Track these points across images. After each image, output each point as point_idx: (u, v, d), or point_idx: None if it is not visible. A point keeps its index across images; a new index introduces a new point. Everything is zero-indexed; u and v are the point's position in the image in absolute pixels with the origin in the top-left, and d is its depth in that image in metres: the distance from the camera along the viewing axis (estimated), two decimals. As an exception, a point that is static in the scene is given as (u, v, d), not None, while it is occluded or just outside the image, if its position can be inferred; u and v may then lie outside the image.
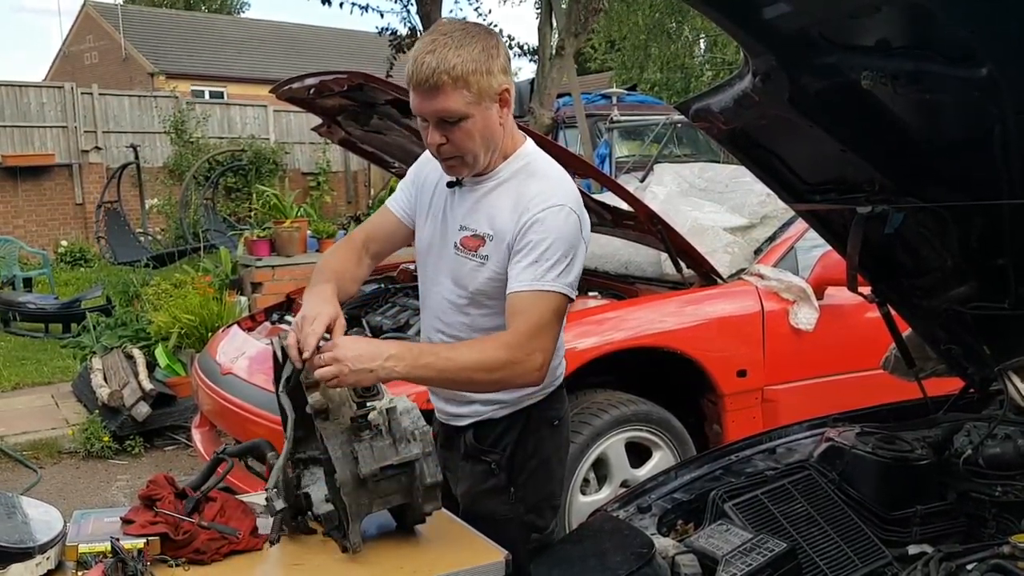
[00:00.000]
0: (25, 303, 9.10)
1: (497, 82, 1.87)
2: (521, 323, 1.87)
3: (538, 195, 1.92)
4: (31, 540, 1.74)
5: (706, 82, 18.02)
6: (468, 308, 2.03)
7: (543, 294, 1.88)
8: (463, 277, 2.01)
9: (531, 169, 1.99)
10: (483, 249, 1.96)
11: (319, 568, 1.87)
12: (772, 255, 3.65)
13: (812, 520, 1.94)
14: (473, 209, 2.00)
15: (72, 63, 25.77)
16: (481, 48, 1.84)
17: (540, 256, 1.88)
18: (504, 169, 1.99)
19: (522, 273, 1.89)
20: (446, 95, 1.82)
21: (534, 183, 1.96)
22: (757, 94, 1.80)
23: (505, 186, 1.98)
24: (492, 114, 1.89)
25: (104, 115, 14.91)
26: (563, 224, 1.91)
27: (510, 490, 2.08)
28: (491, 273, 1.96)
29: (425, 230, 2.12)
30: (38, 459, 5.12)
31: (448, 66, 1.80)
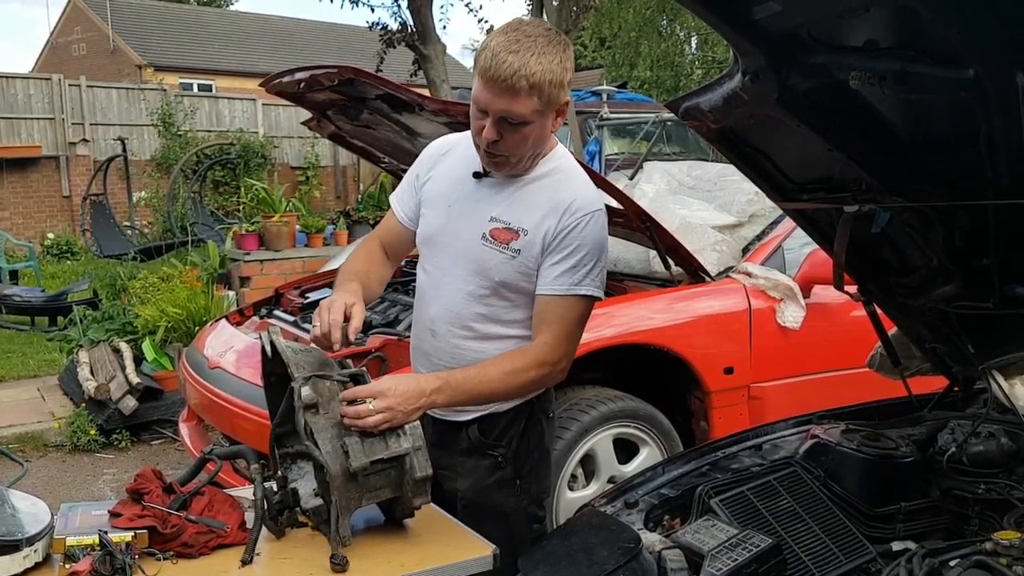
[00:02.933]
0: (11, 296, 9.05)
1: (564, 95, 1.91)
2: (551, 334, 1.95)
3: (578, 199, 1.98)
4: (19, 532, 1.74)
5: (696, 80, 18.10)
6: (489, 299, 2.04)
7: (576, 299, 1.96)
8: (489, 268, 2.01)
9: (566, 171, 2.04)
10: (515, 243, 1.98)
11: (307, 562, 1.87)
12: (760, 253, 3.67)
13: (797, 516, 1.95)
14: (507, 202, 2.01)
15: (59, 55, 25.60)
16: (559, 60, 1.87)
17: (579, 262, 1.95)
18: (539, 167, 2.02)
19: (559, 276, 1.95)
20: (519, 100, 1.84)
21: (571, 185, 2.01)
22: (746, 93, 1.81)
23: (540, 184, 2.01)
24: (549, 122, 1.94)
25: (92, 107, 14.84)
26: (600, 230, 2.00)
27: (516, 482, 2.12)
28: (521, 268, 1.99)
29: (438, 219, 2.10)
30: (24, 452, 5.10)
31: (529, 72, 1.82)
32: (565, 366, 1.99)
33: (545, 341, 1.96)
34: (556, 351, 1.96)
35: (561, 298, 1.96)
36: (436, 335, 2.13)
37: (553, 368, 1.97)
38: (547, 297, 1.97)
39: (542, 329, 1.97)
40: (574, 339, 2.01)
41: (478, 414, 2.12)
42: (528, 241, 1.97)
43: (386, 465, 1.92)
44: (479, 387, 1.94)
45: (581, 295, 1.97)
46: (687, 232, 3.59)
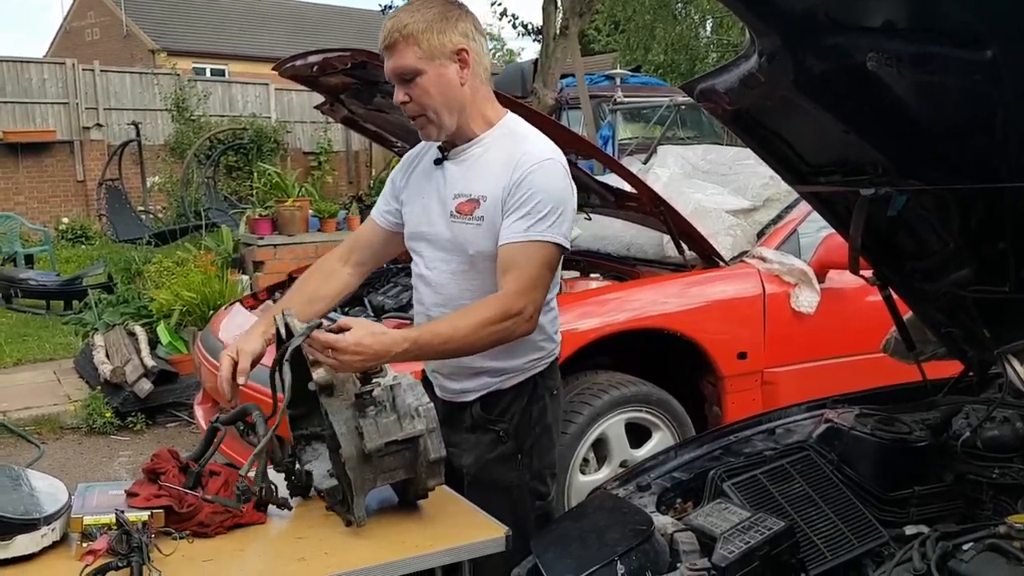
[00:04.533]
0: (26, 280, 9.11)
1: (451, 41, 1.97)
2: (511, 281, 1.96)
3: (527, 152, 2.01)
4: (37, 511, 1.76)
5: (711, 64, 17.91)
6: (470, 275, 2.09)
7: (534, 244, 1.96)
8: (463, 243, 2.07)
9: (517, 133, 2.08)
10: (478, 211, 2.04)
11: (323, 541, 1.89)
12: (774, 238, 3.65)
13: (810, 500, 1.95)
14: (466, 176, 2.08)
15: (73, 39, 25.66)
16: (437, 12, 1.97)
17: (532, 209, 1.97)
18: (489, 136, 2.07)
19: (513, 225, 1.98)
20: (400, 53, 1.97)
21: (522, 143, 2.05)
22: (762, 75, 1.79)
23: (494, 150, 2.06)
24: (449, 72, 1.99)
25: (105, 92, 14.87)
26: (553, 178, 2.00)
27: (517, 457, 2.15)
28: (488, 234, 2.03)
29: (415, 213, 2.19)
30: (40, 434, 5.15)
31: (400, 25, 1.96)
32: (532, 314, 1.97)
33: (509, 290, 1.96)
34: (521, 299, 1.95)
35: (520, 245, 1.96)
36: (432, 320, 2.15)
37: (520, 317, 1.95)
38: (506, 246, 1.98)
39: (505, 279, 1.98)
40: (538, 287, 1.98)
41: (481, 393, 2.16)
42: (489, 206, 2.02)
43: (400, 447, 1.93)
44: (448, 344, 1.96)
45: (541, 241, 1.96)
46: (701, 216, 3.57)
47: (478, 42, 2.04)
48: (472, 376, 2.16)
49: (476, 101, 2.05)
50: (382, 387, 1.98)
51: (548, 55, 7.22)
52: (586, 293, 3.42)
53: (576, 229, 4.35)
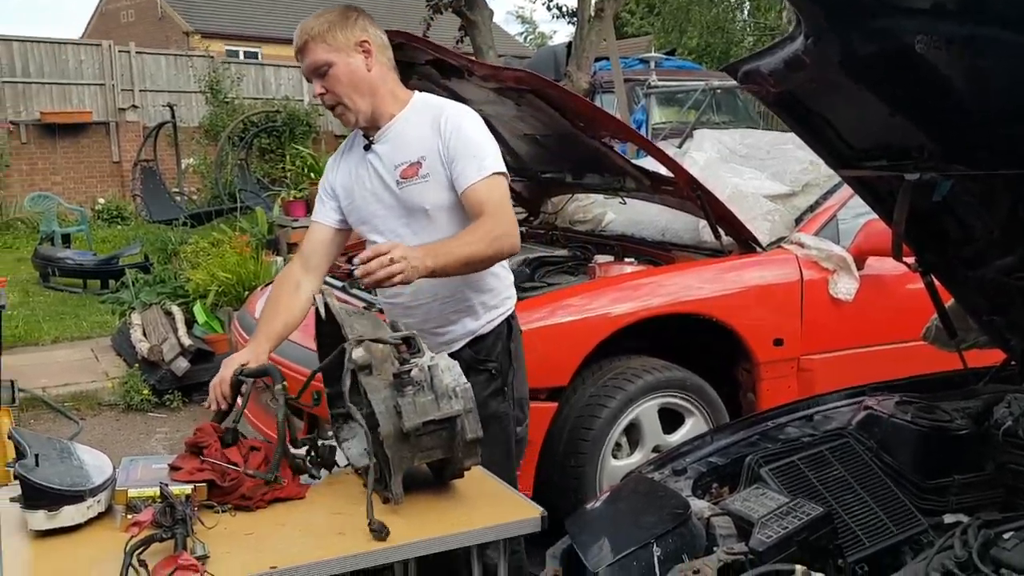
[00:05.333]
0: (64, 259, 9.24)
1: (353, 35, 2.28)
2: (490, 206, 2.23)
3: (444, 107, 2.34)
4: (83, 484, 1.80)
5: (747, 48, 17.69)
6: (430, 229, 2.31)
7: (492, 178, 2.26)
8: (417, 201, 2.32)
9: (430, 103, 2.39)
10: (422, 170, 2.30)
11: (361, 517, 1.91)
12: (813, 224, 3.61)
13: (848, 486, 1.94)
14: (398, 148, 2.33)
15: (108, 22, 25.88)
16: (337, 14, 2.29)
17: (476, 151, 2.27)
18: (405, 111, 2.35)
19: (466, 170, 2.25)
20: (311, 51, 2.26)
21: (439, 106, 2.36)
22: (808, 56, 1.77)
23: (414, 120, 2.34)
24: (355, 62, 2.28)
25: (141, 74, 15.00)
26: (477, 121, 2.33)
27: (504, 389, 2.43)
28: (437, 186, 2.30)
29: (359, 199, 2.41)
30: (79, 411, 5.25)
31: (308, 28, 2.27)
32: (515, 233, 2.26)
33: (487, 211, 2.22)
34: (504, 218, 2.24)
35: (481, 183, 2.24)
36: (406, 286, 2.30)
37: (509, 235, 2.23)
38: (468, 189, 2.25)
39: (478, 209, 2.23)
40: (509, 207, 2.30)
41: (468, 339, 2.42)
42: (430, 164, 2.29)
43: (437, 426, 1.95)
44: (456, 250, 2.17)
45: (494, 174, 2.26)
46: (738, 201, 3.53)
47: (376, 34, 2.33)
48: (456, 323, 2.40)
49: (386, 84, 2.34)
50: (420, 367, 1.99)
51: (583, 38, 7.16)
52: (620, 277, 3.40)
53: (610, 213, 4.34)
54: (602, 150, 3.50)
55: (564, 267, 3.82)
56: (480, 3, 7.46)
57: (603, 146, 3.47)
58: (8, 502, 1.85)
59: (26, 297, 8.36)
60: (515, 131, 3.99)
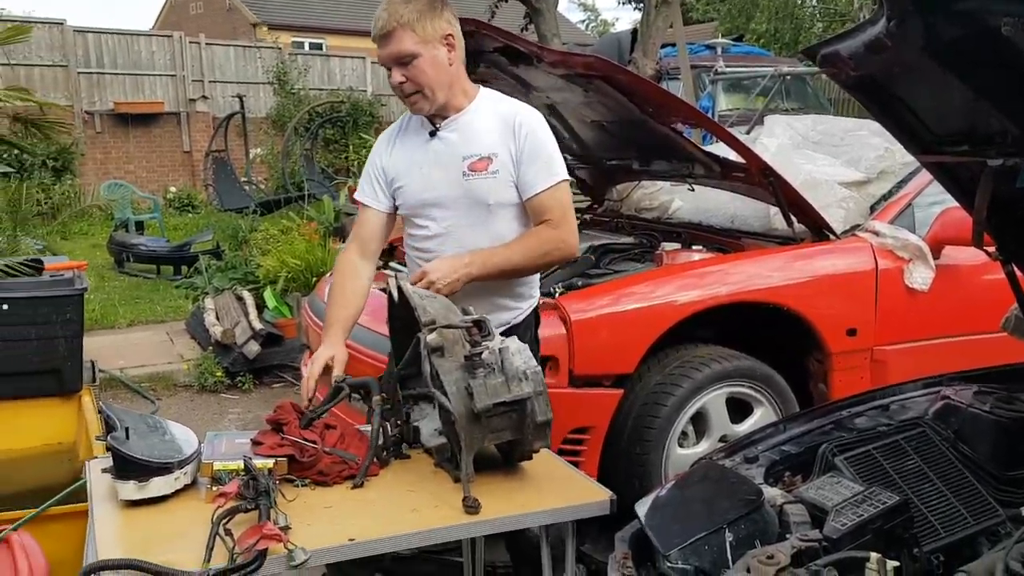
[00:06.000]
0: (138, 245, 9.52)
1: (441, 27, 2.28)
2: (554, 214, 2.34)
3: (518, 111, 2.38)
4: (171, 456, 1.87)
5: (816, 34, 17.30)
6: (489, 223, 2.37)
7: (559, 186, 2.36)
8: (482, 195, 2.36)
9: (496, 99, 2.43)
10: (492, 166, 2.34)
11: (433, 495, 1.95)
12: (888, 211, 3.53)
13: (925, 476, 1.91)
14: (467, 140, 2.37)
15: (178, 13, 26.48)
16: (427, 3, 2.27)
17: (547, 158, 2.35)
18: (474, 105, 2.39)
19: (537, 177, 2.33)
20: (398, 40, 2.25)
21: (508, 105, 2.41)
22: (890, 39, 1.74)
23: (481, 114, 2.38)
24: (440, 55, 2.30)
25: (210, 65, 15.31)
26: (547, 126, 2.39)
27: None
28: (504, 183, 2.35)
29: (415, 183, 2.43)
30: (155, 391, 5.43)
31: (397, 15, 2.25)
32: (576, 239, 2.39)
33: (552, 224, 2.34)
34: (563, 228, 2.35)
35: (548, 191, 2.34)
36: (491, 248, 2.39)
37: (568, 244, 2.37)
38: (541, 194, 2.34)
39: (547, 218, 2.34)
40: (572, 214, 2.40)
41: (501, 329, 2.38)
42: (500, 161, 2.34)
43: (508, 408, 1.98)
44: (509, 260, 2.32)
45: (560, 181, 2.36)
46: (812, 188, 3.47)
47: (457, 28, 2.35)
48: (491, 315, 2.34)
49: (460, 78, 2.37)
50: (490, 350, 2.02)
51: (649, 24, 7.10)
52: (687, 265, 3.38)
53: (677, 200, 4.31)
54: (671, 136, 3.48)
55: (630, 254, 3.80)
56: (545, -10, 7.46)
57: (672, 132, 3.44)
58: (100, 473, 1.94)
59: (102, 282, 8.64)
60: (581, 118, 3.99)
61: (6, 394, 3.72)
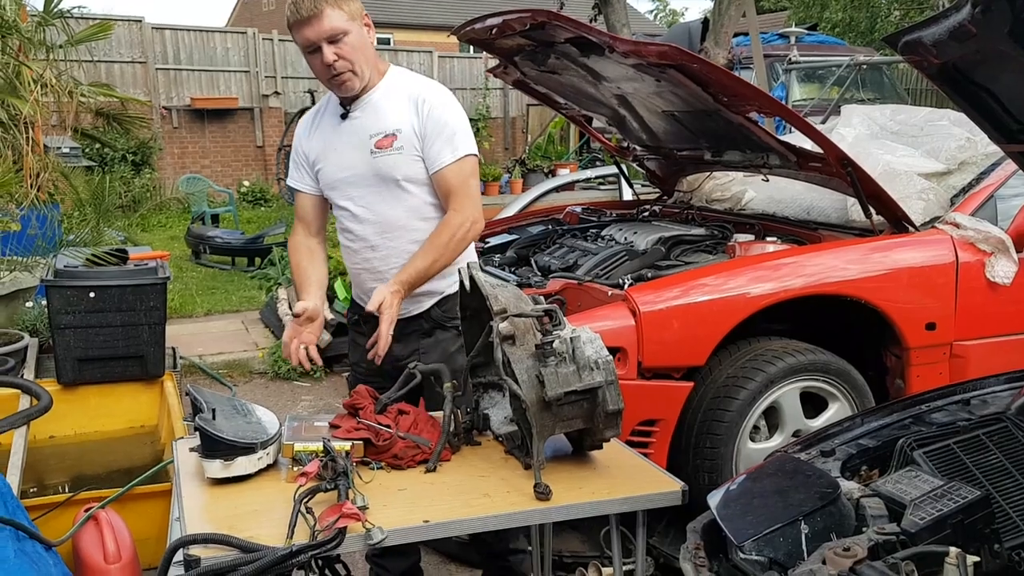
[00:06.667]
0: (214, 237, 9.77)
1: (359, 7, 2.40)
2: (455, 198, 2.42)
3: (424, 88, 2.47)
4: (254, 437, 1.93)
5: (893, 22, 16.82)
6: (402, 197, 2.46)
7: (459, 161, 2.43)
8: (390, 170, 2.44)
9: (404, 76, 2.53)
10: (396, 143, 2.43)
11: (504, 481, 1.98)
12: (970, 203, 3.42)
13: (1007, 472, 1.86)
14: (374, 119, 2.45)
15: (251, 10, 27.04)
16: None
17: (450, 133, 2.42)
18: (382, 83, 2.48)
19: (441, 152, 2.42)
20: (328, 17, 2.32)
21: (414, 82, 2.50)
22: (975, 26, 1.69)
23: (391, 93, 2.47)
24: (363, 33, 2.40)
25: (283, 60, 15.58)
26: (453, 102, 2.48)
27: (462, 345, 2.50)
28: (410, 159, 2.43)
29: (331, 165, 2.53)
30: (232, 377, 5.59)
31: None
32: (479, 216, 2.47)
33: (456, 205, 2.42)
34: (469, 207, 2.43)
35: (451, 167, 2.42)
36: (376, 248, 2.53)
37: (473, 222, 2.43)
38: (440, 172, 2.43)
39: (451, 198, 2.43)
40: (475, 191, 2.48)
41: (436, 299, 2.57)
42: (404, 137, 2.42)
43: (579, 396, 1.99)
44: (430, 269, 2.41)
45: (464, 156, 2.44)
46: (890, 179, 3.39)
47: None
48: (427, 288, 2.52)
49: (375, 58, 2.47)
50: (561, 339, 2.04)
51: (721, 13, 7.00)
52: (760, 257, 3.33)
53: (750, 191, 4.25)
54: (746, 125, 3.42)
55: (701, 246, 3.77)
56: (615, -19, 7.41)
57: (747, 121, 3.39)
58: (187, 452, 2.01)
59: (180, 273, 8.91)
60: (652, 108, 3.96)
61: (94, 378, 3.89)
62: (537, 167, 10.18)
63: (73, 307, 3.79)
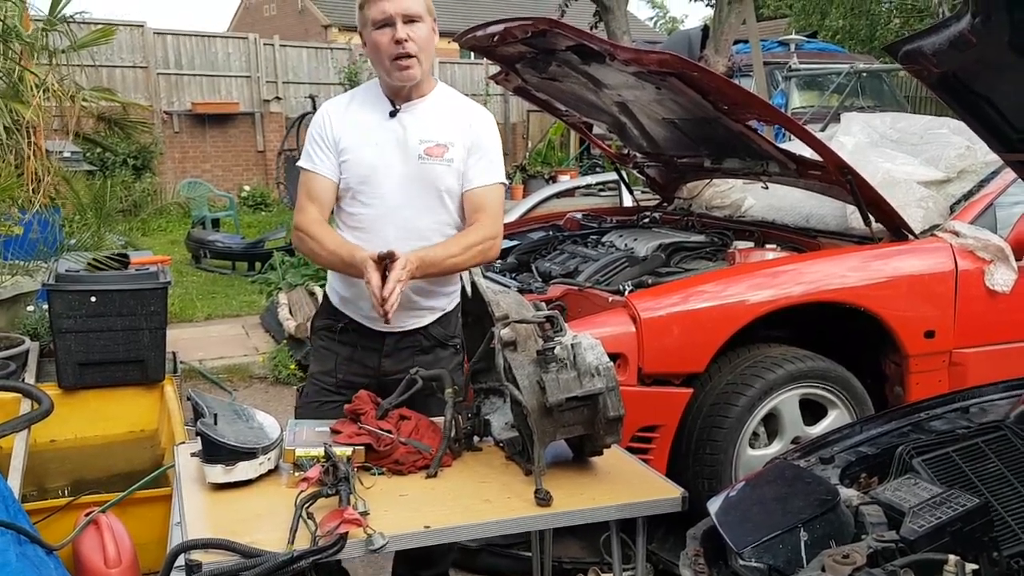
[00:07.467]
0: (214, 241, 9.77)
1: (433, 8, 2.40)
2: (488, 216, 2.43)
3: (473, 109, 2.52)
4: (256, 442, 1.94)
5: (893, 30, 16.85)
6: (435, 208, 2.44)
7: (494, 185, 2.47)
8: (434, 179, 2.42)
9: (453, 93, 2.55)
10: (448, 154, 2.42)
11: (505, 487, 1.99)
12: (969, 211, 3.44)
13: (1006, 480, 1.86)
14: (426, 125, 2.43)
15: (252, 15, 27.13)
16: None
17: (492, 157, 2.47)
18: (434, 93, 2.48)
19: (479, 171, 2.44)
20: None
21: (465, 101, 2.54)
22: (975, 36, 1.70)
23: (440, 106, 2.47)
24: (432, 33, 2.40)
25: (284, 66, 15.61)
26: (496, 130, 2.52)
27: (462, 363, 2.56)
28: (456, 173, 2.43)
29: (368, 158, 2.42)
30: (232, 382, 5.59)
31: None
32: (500, 242, 2.48)
33: (485, 222, 2.42)
34: (495, 227, 2.44)
35: (486, 188, 2.44)
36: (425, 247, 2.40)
37: (495, 241, 2.44)
38: (480, 189, 2.44)
39: (480, 215, 2.43)
40: (502, 215, 2.51)
41: (435, 316, 2.52)
42: (456, 151, 2.42)
43: (580, 403, 2.00)
44: (444, 263, 2.35)
45: (498, 183, 2.48)
46: (890, 187, 3.40)
47: None
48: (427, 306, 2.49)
49: (432, 64, 2.47)
50: (563, 345, 2.05)
51: (721, 20, 7.02)
52: (760, 264, 3.35)
53: (750, 199, 4.26)
54: (745, 133, 3.44)
55: (701, 253, 3.78)
56: (615, -11, 7.44)
57: (747, 129, 3.41)
58: (188, 457, 2.02)
59: (180, 277, 8.90)
60: (652, 115, 3.98)
61: (94, 382, 3.89)
62: (538, 173, 10.21)
63: (74, 311, 3.80)
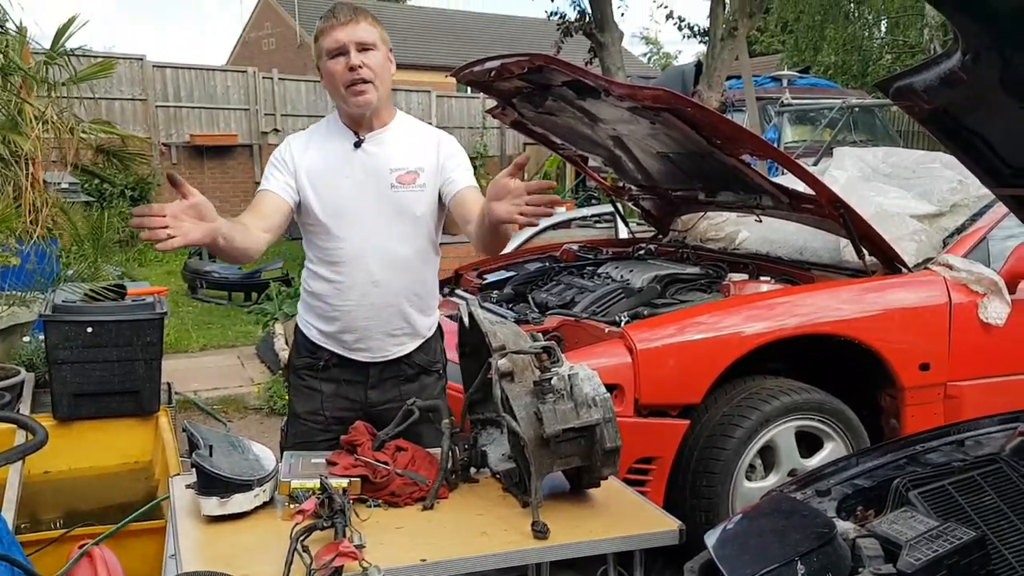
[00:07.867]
0: (211, 272, 9.76)
1: (388, 39, 2.47)
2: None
3: (439, 134, 2.57)
4: (251, 474, 1.93)
5: (885, 65, 17.06)
6: (412, 236, 2.47)
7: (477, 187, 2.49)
8: (409, 206, 2.45)
9: (415, 121, 2.61)
10: (419, 180, 2.46)
11: (501, 519, 1.98)
12: (962, 245, 3.47)
13: (1002, 513, 1.87)
14: (393, 153, 2.46)
15: (251, 49, 27.35)
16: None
17: (467, 168, 2.52)
18: (395, 122, 2.52)
19: (461, 176, 2.47)
20: (365, 28, 2.38)
21: (427, 127, 2.61)
22: (966, 73, 1.73)
23: (406, 133, 2.52)
24: (387, 62, 2.45)
25: (283, 99, 15.74)
26: (463, 151, 2.58)
27: (444, 388, 2.62)
28: (430, 197, 2.47)
29: (340, 190, 2.44)
30: (227, 413, 5.56)
31: (364, 11, 2.42)
32: None
33: None
34: None
35: (476, 189, 2.46)
36: (379, 284, 2.45)
37: None
38: (468, 189, 2.44)
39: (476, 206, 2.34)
40: None
41: (417, 343, 2.55)
42: (427, 176, 2.46)
43: (577, 434, 2.00)
44: None
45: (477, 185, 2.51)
46: (883, 220, 3.43)
47: None
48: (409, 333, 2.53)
49: (391, 95, 2.52)
50: (560, 376, 2.05)
51: (714, 56, 7.12)
52: (755, 296, 3.36)
53: (744, 231, 4.29)
54: (739, 167, 3.48)
55: (696, 285, 3.80)
56: (610, 25, 7.54)
57: (740, 163, 3.44)
58: (183, 489, 2.01)
59: (176, 307, 8.89)
60: (647, 149, 4.02)
61: (88, 413, 3.88)
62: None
63: (71, 342, 3.79)
